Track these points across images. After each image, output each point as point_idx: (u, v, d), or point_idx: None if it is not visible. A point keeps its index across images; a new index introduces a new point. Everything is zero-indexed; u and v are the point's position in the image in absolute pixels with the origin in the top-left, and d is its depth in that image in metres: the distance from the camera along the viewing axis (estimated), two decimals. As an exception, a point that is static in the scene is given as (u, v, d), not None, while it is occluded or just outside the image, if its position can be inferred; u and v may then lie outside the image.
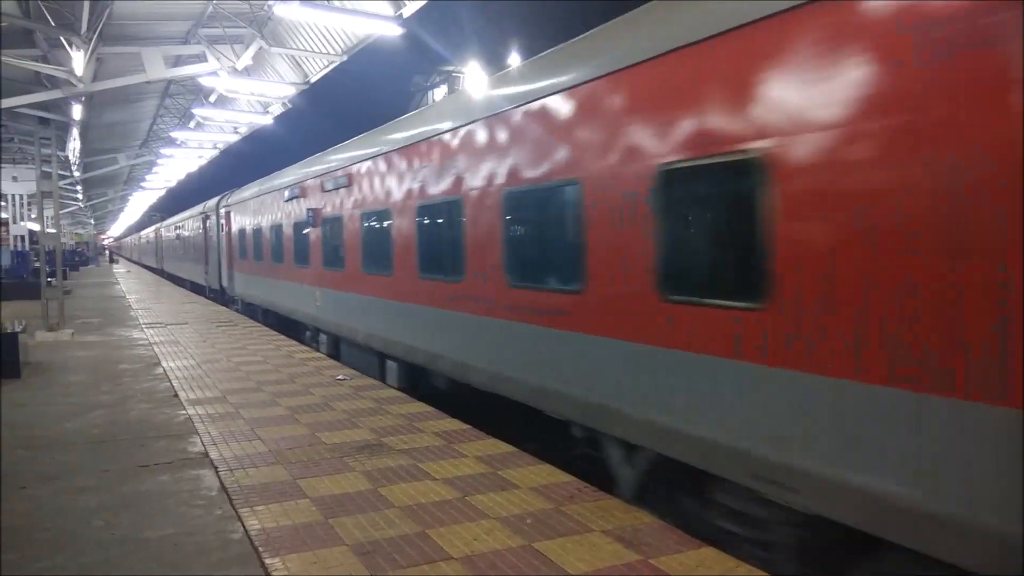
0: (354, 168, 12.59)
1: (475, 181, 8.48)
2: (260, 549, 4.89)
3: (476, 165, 8.44)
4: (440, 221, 9.45)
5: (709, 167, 5.18)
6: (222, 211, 25.60)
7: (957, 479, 3.70)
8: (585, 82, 6.54)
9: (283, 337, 16.50)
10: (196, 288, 33.98)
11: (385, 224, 11.16)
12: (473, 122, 8.52)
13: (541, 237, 7.39)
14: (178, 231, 40.34)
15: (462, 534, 5.15)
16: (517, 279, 7.66)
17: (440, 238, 9.44)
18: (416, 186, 10.08)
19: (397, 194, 10.74)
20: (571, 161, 6.73)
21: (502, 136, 7.91)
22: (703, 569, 4.55)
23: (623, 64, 6.05)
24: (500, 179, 7.94)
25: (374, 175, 11.70)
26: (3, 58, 14.88)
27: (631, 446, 6.26)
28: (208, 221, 28.68)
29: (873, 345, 4.09)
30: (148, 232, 68.66)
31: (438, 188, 9.43)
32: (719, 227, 5.31)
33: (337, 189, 13.39)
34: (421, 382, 10.58)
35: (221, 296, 27.08)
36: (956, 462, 3.70)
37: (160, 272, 52.18)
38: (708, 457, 5.24)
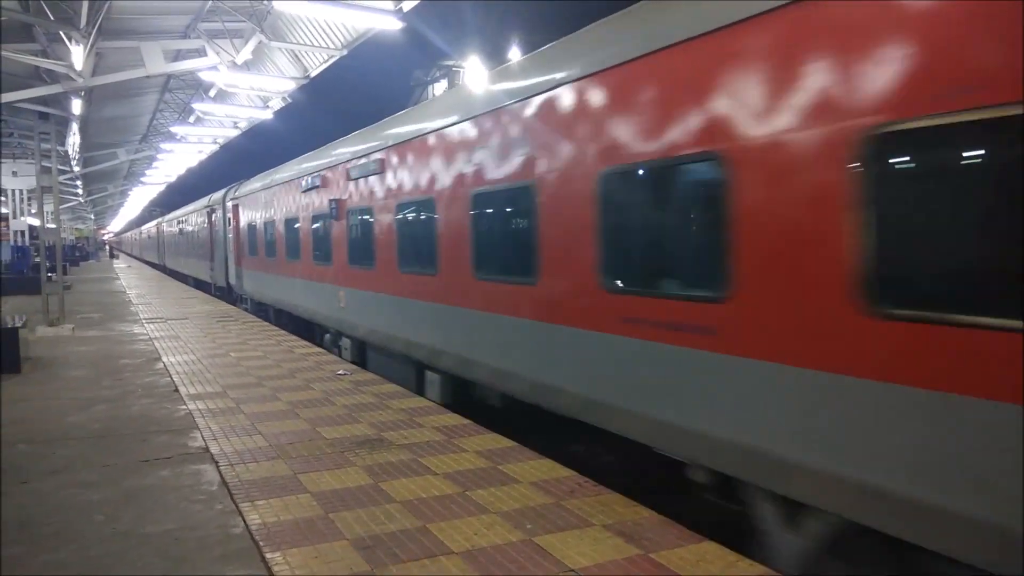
0: (388, 153, 11.00)
1: (555, 161, 6.90)
2: (261, 544, 4.91)
3: (557, 141, 6.85)
4: (504, 212, 7.94)
5: (956, 128, 3.66)
6: (229, 204, 24.48)
7: None
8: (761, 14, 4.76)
9: (284, 332, 16.50)
10: (200, 285, 32.94)
11: (429, 216, 9.62)
12: (553, 88, 6.88)
13: (663, 230, 5.81)
14: (181, 226, 38.86)
15: (463, 529, 5.16)
16: (620, 282, 6.10)
17: (504, 232, 7.99)
18: (470, 171, 8.50)
19: (444, 180, 9.10)
20: (709, 128, 5.15)
21: (597, 102, 6.28)
22: (704, 563, 4.56)
23: None
24: (592, 156, 6.34)
25: (414, 160, 10.06)
26: (3, 53, 14.86)
27: (797, 505, 4.80)
28: (214, 215, 27.56)
29: None
30: (149, 227, 67.60)
31: (501, 172, 7.84)
32: (988, 213, 3.67)
33: (367, 177, 11.88)
34: (467, 396, 9.38)
35: (228, 294, 26.12)
36: None
37: (162, 268, 51.16)
38: (959, 541, 3.75)
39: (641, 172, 5.86)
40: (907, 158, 3.99)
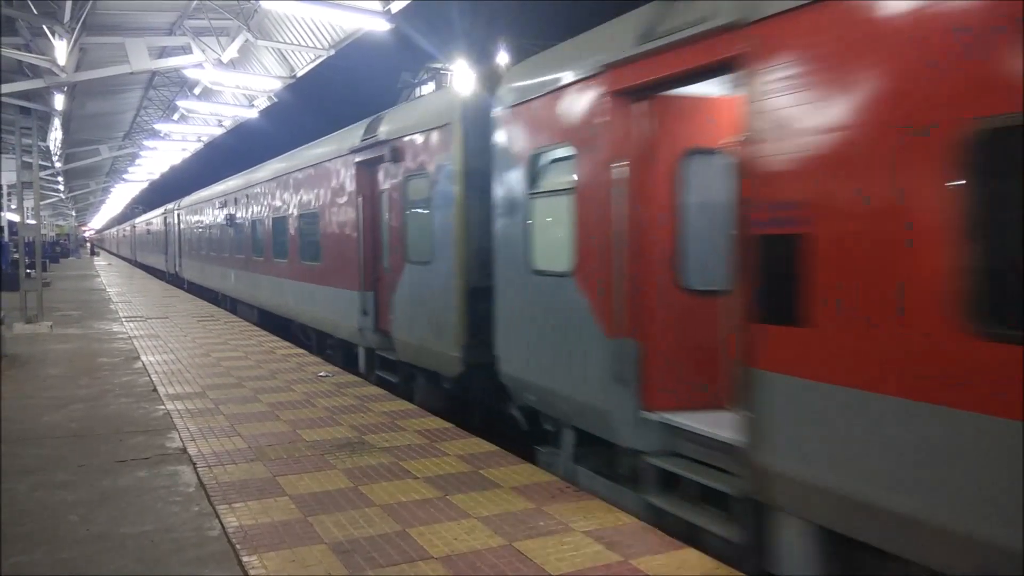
0: None
1: None
2: (238, 546, 4.85)
3: None
4: None
5: None
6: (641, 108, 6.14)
7: None
8: None
9: (264, 332, 16.37)
10: (274, 322, 17.31)
11: None
12: None
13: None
14: (231, 209, 21.86)
15: (443, 533, 5.13)
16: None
17: None
18: None
19: None
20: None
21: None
22: (684, 570, 4.56)
23: None
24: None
25: None
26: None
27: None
28: (405, 176, 10.13)
29: None
30: (150, 217, 49.10)
31: None
32: None
33: None
34: None
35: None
36: None
37: (175, 280, 34.29)
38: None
39: None
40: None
